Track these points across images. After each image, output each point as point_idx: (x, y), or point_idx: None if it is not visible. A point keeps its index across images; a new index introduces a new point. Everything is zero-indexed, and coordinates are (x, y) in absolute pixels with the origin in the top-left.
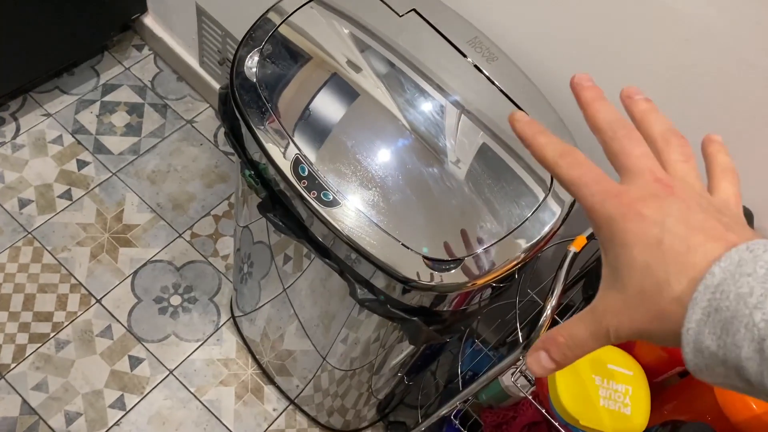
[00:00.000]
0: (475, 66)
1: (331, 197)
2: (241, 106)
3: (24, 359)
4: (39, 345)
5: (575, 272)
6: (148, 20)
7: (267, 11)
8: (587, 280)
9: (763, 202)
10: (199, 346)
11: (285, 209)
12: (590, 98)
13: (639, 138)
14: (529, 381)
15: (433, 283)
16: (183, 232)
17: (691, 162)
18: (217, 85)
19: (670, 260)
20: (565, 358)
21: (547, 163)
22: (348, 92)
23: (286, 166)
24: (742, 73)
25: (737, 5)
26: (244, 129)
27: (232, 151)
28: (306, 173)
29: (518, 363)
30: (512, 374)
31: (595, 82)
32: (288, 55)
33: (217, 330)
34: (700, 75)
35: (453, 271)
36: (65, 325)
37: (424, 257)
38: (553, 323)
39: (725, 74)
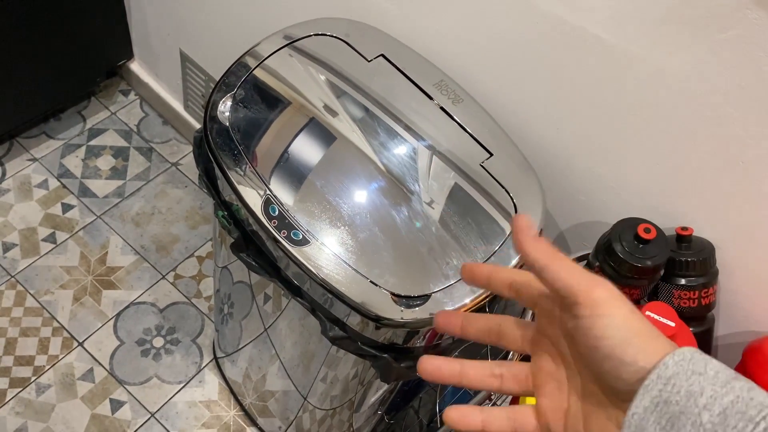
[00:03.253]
0: (441, 108)
1: (301, 236)
2: (214, 149)
3: (4, 404)
4: (19, 389)
5: None
6: (135, 66)
7: (243, 55)
8: None
9: (725, 235)
10: (182, 388)
11: (257, 249)
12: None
13: None
14: None
15: (400, 320)
16: (166, 274)
17: None
18: None
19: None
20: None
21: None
22: (317, 132)
23: (256, 206)
24: (692, 109)
25: (684, 49)
26: (216, 171)
27: None
28: (276, 213)
29: (492, 398)
30: None
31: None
32: (260, 98)
33: (199, 372)
34: (655, 113)
35: (422, 306)
36: (47, 368)
37: (392, 294)
38: (523, 359)
39: (680, 110)
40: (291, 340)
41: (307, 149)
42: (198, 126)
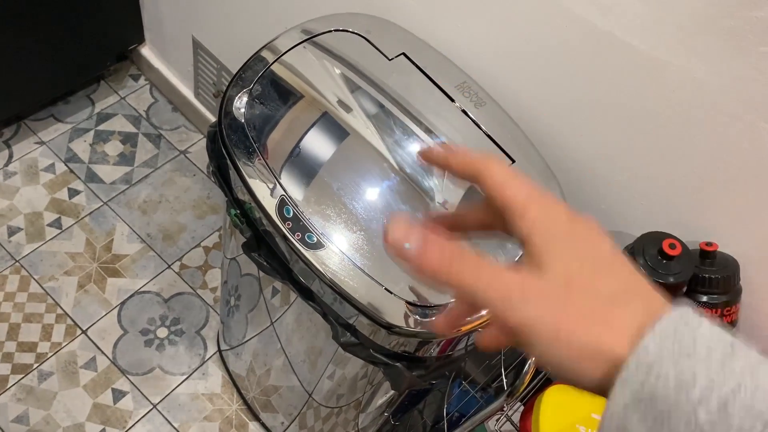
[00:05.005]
0: (463, 111)
1: (315, 239)
2: (228, 146)
3: (5, 390)
4: (22, 376)
5: None
6: (145, 51)
7: (260, 49)
8: None
9: (750, 252)
10: (184, 380)
11: (269, 249)
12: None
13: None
14: (514, 426)
15: (416, 329)
16: (172, 263)
17: None
18: (211, 117)
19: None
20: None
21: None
22: (336, 133)
23: (271, 207)
24: (723, 122)
25: (721, 60)
26: (230, 168)
27: None
28: (291, 215)
29: (504, 408)
30: (497, 420)
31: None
32: (277, 95)
33: (203, 364)
34: (686, 124)
35: (437, 316)
36: (49, 356)
37: (408, 302)
38: (537, 372)
39: (711, 123)
40: (298, 335)
41: (324, 150)
42: (208, 114)
